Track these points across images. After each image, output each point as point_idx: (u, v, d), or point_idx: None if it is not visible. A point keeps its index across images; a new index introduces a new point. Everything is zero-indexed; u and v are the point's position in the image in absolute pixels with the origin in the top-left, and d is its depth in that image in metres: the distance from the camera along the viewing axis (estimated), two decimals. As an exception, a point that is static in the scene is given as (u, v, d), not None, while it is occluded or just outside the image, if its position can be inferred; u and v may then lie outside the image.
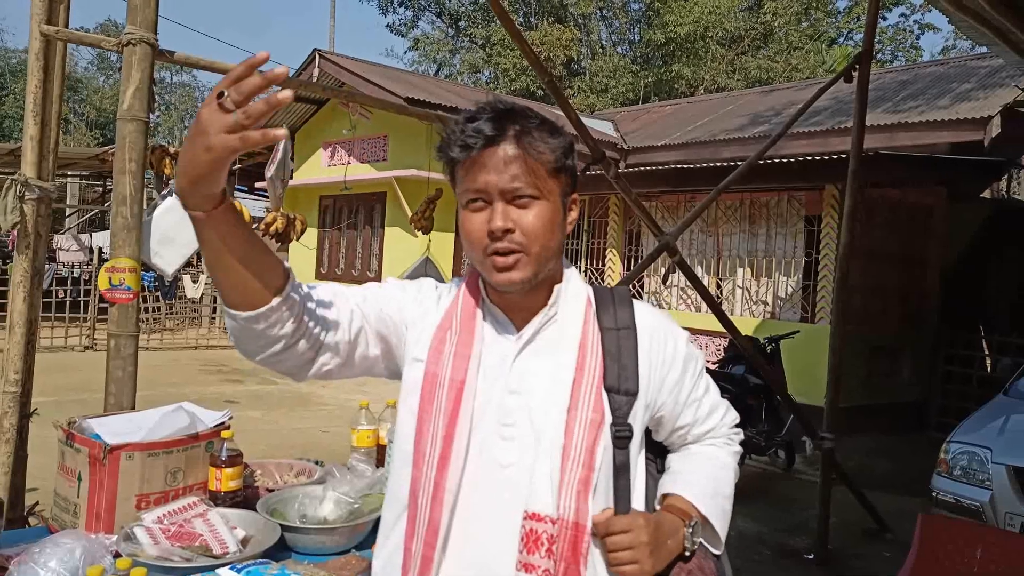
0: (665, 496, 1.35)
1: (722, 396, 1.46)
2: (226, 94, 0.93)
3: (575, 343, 1.26)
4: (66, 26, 2.53)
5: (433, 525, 1.21)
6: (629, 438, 1.24)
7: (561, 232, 1.26)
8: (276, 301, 1.13)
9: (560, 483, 1.18)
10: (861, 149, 5.03)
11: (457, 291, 1.34)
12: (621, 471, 1.23)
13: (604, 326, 1.28)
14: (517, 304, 1.28)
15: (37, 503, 3.00)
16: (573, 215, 1.30)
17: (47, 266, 12.06)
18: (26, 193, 2.29)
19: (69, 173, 15.17)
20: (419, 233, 6.19)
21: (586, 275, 10.51)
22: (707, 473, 1.38)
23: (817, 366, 6.54)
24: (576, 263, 10.67)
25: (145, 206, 2.84)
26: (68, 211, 16.67)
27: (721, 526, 1.35)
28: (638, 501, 1.29)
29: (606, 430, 1.22)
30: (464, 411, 1.23)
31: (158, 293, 13.03)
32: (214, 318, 14.96)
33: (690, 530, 1.28)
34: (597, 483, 1.20)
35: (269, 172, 4.02)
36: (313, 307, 1.22)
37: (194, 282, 12.81)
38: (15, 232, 2.47)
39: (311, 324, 1.20)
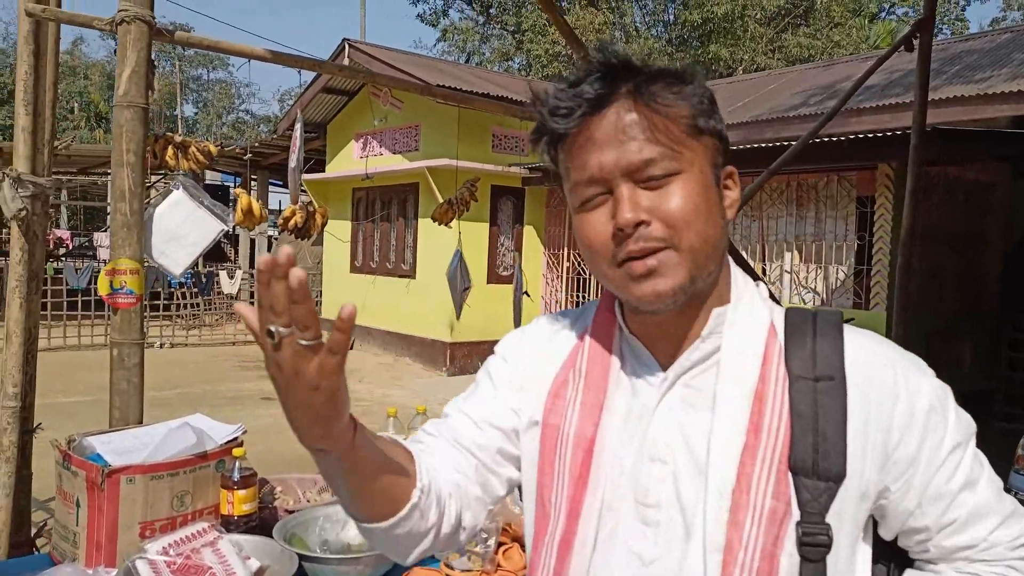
0: None
1: None
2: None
3: (748, 393, 0.87)
4: (59, 5, 2.34)
5: None
6: (826, 547, 0.82)
7: (721, 217, 0.88)
8: (416, 495, 0.88)
9: None
10: (924, 124, 4.67)
11: (589, 319, 1.00)
12: None
13: (795, 372, 0.87)
14: (662, 333, 0.92)
15: (45, 523, 2.86)
16: (733, 194, 0.92)
17: (85, 264, 12.23)
18: (19, 190, 2.11)
19: (108, 171, 15.34)
20: (450, 225, 6.02)
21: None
22: None
23: (874, 356, 6.20)
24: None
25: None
26: (108, 208, 16.89)
27: None
28: None
29: (791, 529, 0.82)
30: (594, 480, 0.90)
31: (196, 290, 13.14)
32: (251, 313, 15.01)
33: None
34: None
35: (292, 163, 3.83)
36: (442, 476, 0.96)
37: (230, 278, 12.86)
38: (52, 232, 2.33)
39: (447, 497, 0.95)
